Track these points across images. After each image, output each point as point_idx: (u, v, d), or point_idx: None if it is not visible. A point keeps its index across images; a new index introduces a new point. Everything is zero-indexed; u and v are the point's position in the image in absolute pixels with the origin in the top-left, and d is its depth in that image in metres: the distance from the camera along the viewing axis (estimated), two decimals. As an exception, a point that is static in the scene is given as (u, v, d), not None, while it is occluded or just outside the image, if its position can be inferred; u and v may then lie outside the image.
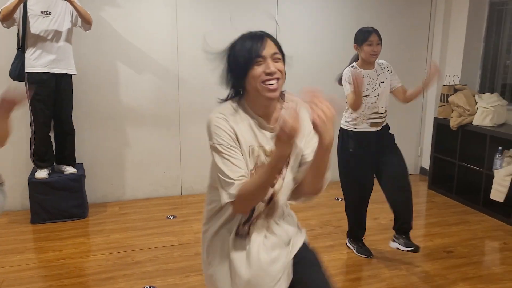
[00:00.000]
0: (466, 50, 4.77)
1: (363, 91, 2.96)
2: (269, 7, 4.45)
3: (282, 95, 1.59)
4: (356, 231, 3.27)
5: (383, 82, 3.05)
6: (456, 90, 4.49)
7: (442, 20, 4.95)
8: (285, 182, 1.55)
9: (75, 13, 3.66)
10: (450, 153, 4.56)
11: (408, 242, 3.02)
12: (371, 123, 3.06)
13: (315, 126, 1.33)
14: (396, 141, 3.18)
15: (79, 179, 3.86)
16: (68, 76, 3.76)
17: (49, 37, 3.59)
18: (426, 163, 5.32)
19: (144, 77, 4.25)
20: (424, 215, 4.10)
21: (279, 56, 1.50)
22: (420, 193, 4.76)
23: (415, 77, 5.14)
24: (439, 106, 4.67)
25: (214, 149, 1.51)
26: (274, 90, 1.46)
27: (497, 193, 3.93)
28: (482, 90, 4.80)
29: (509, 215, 3.86)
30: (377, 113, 3.06)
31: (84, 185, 3.92)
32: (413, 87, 3.11)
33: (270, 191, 1.53)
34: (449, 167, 4.59)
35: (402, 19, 4.96)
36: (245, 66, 1.47)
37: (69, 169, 3.90)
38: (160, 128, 4.39)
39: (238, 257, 1.56)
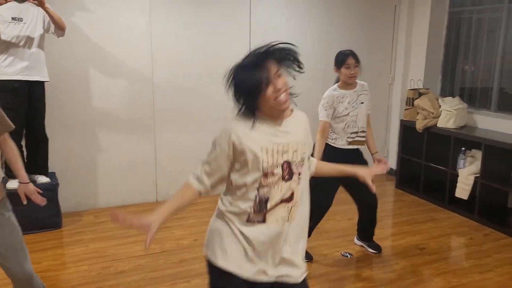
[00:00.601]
0: (428, 56, 5.04)
1: (343, 110, 3.10)
2: (242, 13, 4.51)
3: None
4: None
5: (362, 102, 3.17)
6: (420, 94, 4.73)
7: (405, 28, 5.19)
8: (301, 186, 1.72)
9: (47, 19, 3.58)
10: (416, 154, 4.80)
11: (371, 245, 3.47)
12: (349, 141, 3.18)
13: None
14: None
15: (53, 188, 3.77)
16: (41, 83, 3.67)
17: (21, 44, 3.49)
18: (392, 164, 5.55)
19: (118, 83, 4.20)
20: (395, 214, 4.30)
21: (280, 72, 1.62)
22: (389, 192, 4.97)
23: (380, 81, 5.38)
24: (405, 109, 4.90)
25: (212, 144, 1.71)
26: (286, 102, 1.63)
27: (462, 191, 4.18)
28: (443, 94, 5.08)
29: (473, 212, 4.12)
30: (356, 132, 3.18)
31: (58, 194, 3.83)
32: (378, 89, 3.26)
33: (290, 190, 1.69)
34: (415, 167, 4.82)
35: (369, 27, 5.16)
36: (256, 93, 1.60)
37: (42, 178, 3.81)
38: (135, 134, 4.36)
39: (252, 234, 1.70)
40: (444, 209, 4.39)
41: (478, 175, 4.06)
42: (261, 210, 1.68)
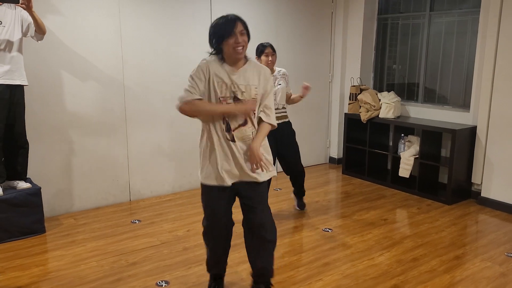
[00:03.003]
0: (362, 57, 5.76)
1: None
2: (203, 18, 4.80)
3: (246, 57, 2.47)
4: None
5: (280, 84, 3.93)
6: (362, 90, 5.41)
7: (341, 33, 5.86)
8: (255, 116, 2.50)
9: (25, 22, 3.57)
10: (360, 142, 5.47)
11: (300, 203, 4.34)
12: (277, 117, 3.84)
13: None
14: (306, 136, 4.05)
15: (37, 192, 3.73)
16: (21, 88, 3.63)
17: (2, 47, 3.44)
18: (334, 153, 6.21)
19: (89, 86, 4.24)
20: (351, 195, 4.90)
21: (244, 32, 2.36)
22: (337, 178, 5.59)
23: (321, 79, 6.00)
24: (349, 104, 5.55)
25: (190, 77, 2.41)
26: (240, 53, 2.35)
27: (404, 171, 4.91)
28: (375, 89, 5.83)
29: (414, 187, 4.87)
30: (277, 109, 3.88)
31: (42, 199, 3.79)
32: (319, 86, 3.96)
33: (243, 117, 2.43)
34: (360, 154, 5.49)
35: (310, 33, 5.74)
36: (223, 37, 2.32)
37: (23, 184, 3.74)
38: (107, 136, 4.41)
39: (227, 148, 2.48)
40: (389, 188, 5.10)
41: (417, 156, 4.82)
42: (228, 129, 2.42)
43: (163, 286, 2.91)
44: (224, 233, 2.67)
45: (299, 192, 4.31)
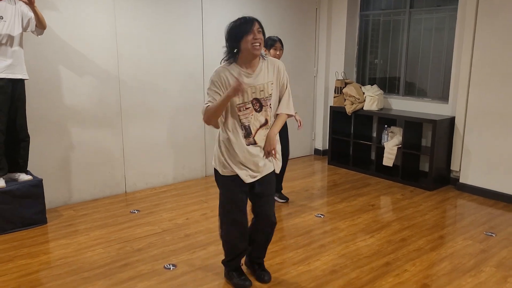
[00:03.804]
0: (346, 52, 6.00)
1: None
2: (195, 15, 4.94)
3: (262, 56, 2.58)
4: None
5: None
6: (346, 84, 5.65)
7: (325, 29, 6.09)
8: (272, 111, 2.61)
9: (26, 17, 3.64)
10: (345, 134, 5.72)
11: (281, 196, 4.44)
12: None
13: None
14: (292, 129, 4.29)
15: (40, 184, 3.82)
16: (22, 82, 3.70)
17: (3, 42, 3.50)
18: (319, 145, 6.45)
19: (86, 80, 4.33)
20: (338, 184, 5.14)
21: (260, 30, 2.47)
22: (323, 168, 5.82)
23: (306, 74, 6.21)
24: (334, 97, 5.79)
25: (208, 88, 2.50)
26: (257, 49, 2.44)
27: (388, 160, 5.18)
28: (357, 83, 6.08)
29: (397, 175, 5.14)
30: None
31: (44, 190, 3.87)
32: (304, 81, 5.04)
33: (263, 118, 2.56)
34: (344, 146, 5.74)
35: (296, 29, 5.95)
36: (242, 34, 2.42)
37: (24, 176, 3.83)
38: (104, 130, 4.51)
39: (251, 150, 2.57)
40: (373, 177, 5.37)
41: (399, 145, 5.09)
42: (248, 135, 2.53)
43: (171, 269, 3.07)
44: (244, 218, 2.73)
45: (279, 182, 4.43)
